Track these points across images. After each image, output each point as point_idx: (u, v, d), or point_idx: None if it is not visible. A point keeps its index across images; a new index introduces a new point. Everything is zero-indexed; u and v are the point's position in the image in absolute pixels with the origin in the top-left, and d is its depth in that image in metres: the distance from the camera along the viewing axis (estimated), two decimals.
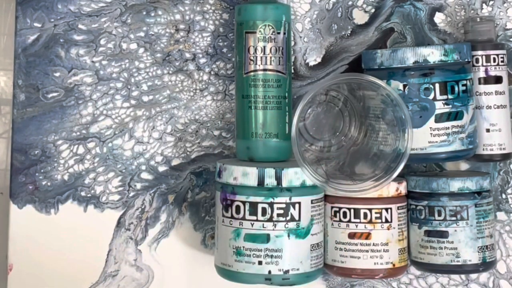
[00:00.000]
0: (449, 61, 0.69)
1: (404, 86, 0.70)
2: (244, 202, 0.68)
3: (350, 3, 0.78)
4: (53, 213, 0.77)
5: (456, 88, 0.70)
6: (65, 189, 0.77)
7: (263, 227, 0.67)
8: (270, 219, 0.67)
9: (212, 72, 0.78)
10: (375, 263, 0.70)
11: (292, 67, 0.77)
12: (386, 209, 0.70)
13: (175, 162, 0.77)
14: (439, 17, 0.78)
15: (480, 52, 0.74)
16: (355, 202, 0.70)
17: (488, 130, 0.74)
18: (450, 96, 0.70)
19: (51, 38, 0.78)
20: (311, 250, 0.69)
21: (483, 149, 0.74)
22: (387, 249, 0.70)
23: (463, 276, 0.76)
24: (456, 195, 0.71)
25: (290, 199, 0.67)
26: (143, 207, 0.77)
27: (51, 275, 0.77)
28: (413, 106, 0.70)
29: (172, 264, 0.77)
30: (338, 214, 0.71)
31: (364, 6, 0.78)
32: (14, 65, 0.78)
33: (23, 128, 0.77)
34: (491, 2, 0.78)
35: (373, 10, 0.78)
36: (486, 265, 0.71)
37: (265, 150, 0.72)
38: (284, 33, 0.72)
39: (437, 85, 0.69)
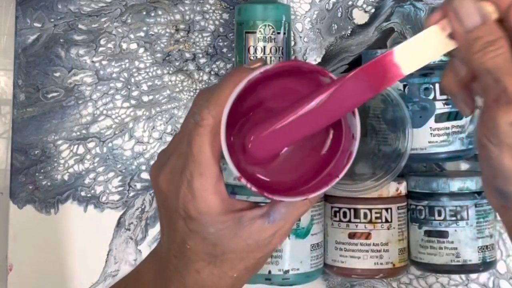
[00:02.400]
0: None
1: (404, 86, 0.70)
2: None
3: (350, 3, 0.78)
4: (53, 213, 0.77)
5: None
6: (65, 189, 0.77)
7: None
8: None
9: (212, 72, 0.78)
10: (375, 263, 0.70)
11: None
12: (386, 209, 0.70)
13: None
14: None
15: None
16: (355, 202, 0.70)
17: None
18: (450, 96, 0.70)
19: (51, 38, 0.78)
20: (311, 250, 0.69)
21: None
22: (387, 249, 0.70)
23: (463, 276, 0.76)
24: (456, 195, 0.70)
25: None
26: (143, 207, 0.77)
27: (51, 275, 0.77)
28: (413, 106, 0.70)
29: None
30: (338, 214, 0.71)
31: (364, 6, 0.78)
32: (14, 65, 0.78)
33: (23, 128, 0.77)
34: None
35: (373, 10, 0.78)
36: (486, 265, 0.71)
37: None
38: (284, 33, 0.72)
39: (437, 85, 0.69)
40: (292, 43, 0.77)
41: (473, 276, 0.76)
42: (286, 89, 0.50)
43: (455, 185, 0.70)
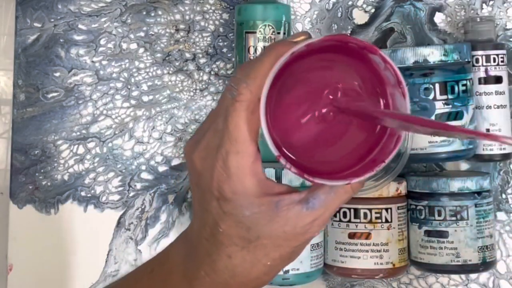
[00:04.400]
0: (449, 61, 0.69)
1: None
2: None
3: (350, 3, 0.78)
4: (53, 213, 0.77)
5: (456, 88, 0.70)
6: (65, 189, 0.77)
7: None
8: None
9: (212, 72, 0.78)
10: (375, 263, 0.70)
11: None
12: (386, 209, 0.70)
13: (175, 162, 0.77)
14: (439, 17, 0.78)
15: (480, 52, 0.74)
16: (355, 202, 0.70)
17: (488, 130, 0.74)
18: (450, 96, 0.70)
19: (51, 38, 0.78)
20: (311, 250, 0.69)
21: (483, 149, 0.74)
22: (387, 249, 0.70)
23: (463, 276, 0.76)
24: (456, 195, 0.70)
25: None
26: (143, 207, 0.77)
27: (51, 275, 0.77)
28: (413, 106, 0.69)
29: None
30: (338, 214, 0.71)
31: (364, 6, 0.78)
32: (14, 65, 0.78)
33: (23, 128, 0.77)
34: (491, 2, 0.78)
35: (373, 10, 0.78)
36: (486, 265, 0.71)
37: (265, 150, 0.72)
38: (284, 33, 0.72)
39: (437, 85, 0.69)
40: None
41: (473, 276, 0.76)
42: (330, 65, 0.47)
43: (455, 185, 0.70)
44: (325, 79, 0.47)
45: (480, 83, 0.74)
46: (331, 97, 0.47)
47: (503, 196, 0.77)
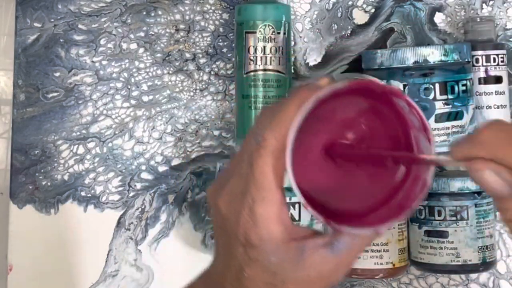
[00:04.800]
0: (449, 61, 0.69)
1: (404, 86, 0.70)
2: None
3: (350, 3, 0.78)
4: (53, 213, 0.77)
5: (456, 88, 0.70)
6: (65, 189, 0.77)
7: None
8: None
9: (212, 72, 0.78)
10: (375, 263, 0.70)
11: (292, 67, 0.77)
12: None
13: (175, 162, 0.77)
14: (439, 17, 0.78)
15: (480, 52, 0.74)
16: None
17: None
18: (450, 96, 0.70)
19: (51, 38, 0.78)
20: None
21: None
22: (387, 249, 0.70)
23: (463, 276, 0.76)
24: (456, 195, 0.70)
25: (290, 199, 0.67)
26: (143, 207, 0.77)
27: (51, 275, 0.77)
28: None
29: (172, 264, 0.77)
30: None
31: (364, 6, 0.78)
32: (14, 65, 0.78)
33: (23, 128, 0.77)
34: (491, 2, 0.78)
35: (373, 10, 0.78)
36: (486, 265, 0.71)
37: None
38: (284, 33, 0.72)
39: (437, 85, 0.69)
40: (292, 43, 0.77)
41: (473, 276, 0.76)
42: (354, 107, 0.47)
43: (455, 185, 0.70)
44: (349, 122, 0.47)
45: (480, 83, 0.74)
46: (354, 139, 0.47)
47: None
